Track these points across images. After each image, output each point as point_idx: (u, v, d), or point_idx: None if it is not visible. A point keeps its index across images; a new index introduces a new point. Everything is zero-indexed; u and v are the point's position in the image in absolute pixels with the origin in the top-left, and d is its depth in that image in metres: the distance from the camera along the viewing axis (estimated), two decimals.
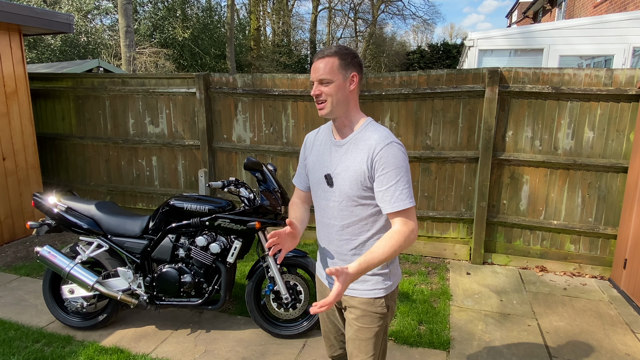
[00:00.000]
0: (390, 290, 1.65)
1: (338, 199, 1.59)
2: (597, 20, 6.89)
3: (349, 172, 1.55)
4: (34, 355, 2.75)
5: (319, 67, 1.53)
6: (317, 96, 1.55)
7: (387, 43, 29.49)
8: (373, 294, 1.62)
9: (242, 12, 24.39)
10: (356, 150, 1.56)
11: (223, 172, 5.10)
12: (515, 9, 24.94)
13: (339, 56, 1.53)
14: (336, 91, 1.53)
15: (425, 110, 4.30)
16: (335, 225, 1.63)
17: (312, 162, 1.71)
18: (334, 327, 1.84)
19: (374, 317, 1.63)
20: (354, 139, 1.58)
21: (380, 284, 1.63)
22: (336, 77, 1.52)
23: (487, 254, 4.39)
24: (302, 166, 1.81)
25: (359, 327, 1.64)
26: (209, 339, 3.02)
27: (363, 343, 1.65)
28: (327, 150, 1.65)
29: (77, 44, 16.16)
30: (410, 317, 3.26)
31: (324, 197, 1.64)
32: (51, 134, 5.68)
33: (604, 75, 3.80)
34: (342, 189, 1.57)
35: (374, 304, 1.62)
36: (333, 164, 1.61)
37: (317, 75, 1.53)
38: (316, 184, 1.68)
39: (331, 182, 1.60)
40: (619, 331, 3.15)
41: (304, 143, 1.82)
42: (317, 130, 1.80)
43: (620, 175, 3.91)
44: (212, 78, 4.89)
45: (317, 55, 1.55)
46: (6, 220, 4.80)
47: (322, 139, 1.71)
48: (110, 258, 3.03)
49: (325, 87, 1.53)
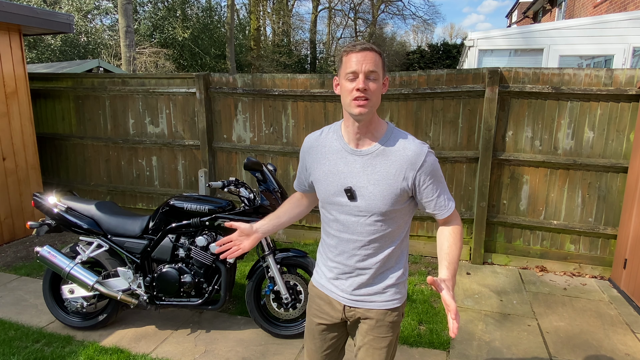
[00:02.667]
0: (404, 299, 1.64)
1: (365, 214, 1.48)
2: (597, 20, 6.89)
3: (381, 187, 1.45)
4: (34, 355, 2.75)
5: (368, 58, 1.36)
6: (364, 91, 1.36)
7: (387, 43, 29.50)
8: (391, 304, 1.58)
9: (242, 12, 24.42)
10: (388, 163, 1.45)
11: (223, 172, 5.10)
12: (515, 9, 24.94)
13: (381, 55, 1.41)
14: (378, 90, 1.40)
15: (425, 110, 4.30)
16: (360, 241, 1.52)
17: (323, 172, 1.54)
18: (323, 344, 1.71)
19: (389, 327, 1.60)
20: (380, 149, 1.46)
21: (397, 294, 1.59)
22: (380, 75, 1.40)
23: (487, 254, 4.39)
24: (303, 170, 1.66)
25: (374, 336, 1.59)
26: (209, 339, 3.02)
27: (377, 352, 1.61)
28: (341, 160, 1.50)
29: (77, 44, 16.16)
30: (410, 317, 3.26)
31: (344, 212, 1.51)
32: (51, 134, 5.68)
33: (604, 75, 3.80)
34: (371, 204, 1.46)
35: (390, 314, 1.59)
36: (354, 175, 1.47)
37: (366, 66, 1.35)
38: (330, 196, 1.53)
39: (354, 196, 1.47)
40: (619, 331, 3.15)
41: (304, 147, 1.64)
42: (318, 133, 1.61)
43: (620, 175, 3.91)
44: (212, 78, 4.89)
45: (361, 46, 1.38)
46: (6, 220, 4.80)
47: (332, 146, 1.54)
48: (110, 258, 3.03)
49: (372, 82, 1.37)
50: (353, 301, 1.59)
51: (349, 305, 1.59)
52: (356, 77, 1.37)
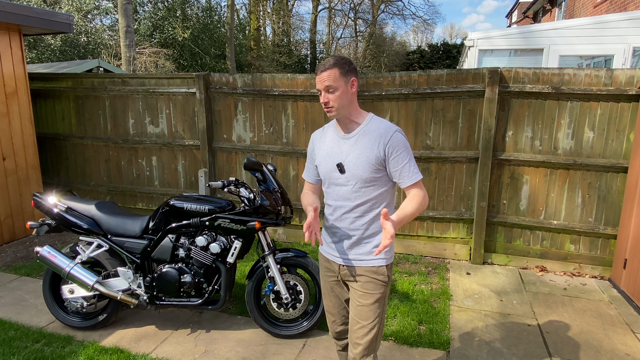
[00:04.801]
0: (390, 261, 1.92)
1: (351, 182, 1.84)
2: (597, 20, 6.89)
3: (361, 158, 1.81)
4: (34, 355, 2.75)
5: (323, 78, 1.78)
6: (326, 103, 1.81)
7: (387, 43, 29.49)
8: (377, 262, 1.88)
9: (242, 12, 24.39)
10: (366, 140, 1.83)
11: (223, 172, 5.10)
12: (515, 9, 24.94)
13: (338, 67, 1.78)
14: (341, 96, 1.79)
15: (425, 110, 4.30)
16: (348, 206, 1.87)
17: (323, 155, 1.94)
18: (337, 301, 2.05)
19: (376, 284, 1.88)
20: (362, 131, 1.85)
21: (382, 254, 1.88)
22: (339, 84, 1.78)
23: (487, 254, 4.39)
24: (311, 161, 2.06)
25: (363, 292, 1.88)
26: (209, 339, 3.02)
27: (365, 309, 1.87)
28: (335, 144, 1.91)
29: (77, 44, 16.15)
30: (410, 317, 3.26)
31: (336, 183, 1.89)
32: (51, 134, 5.68)
33: (604, 75, 3.80)
34: (354, 173, 1.83)
35: (377, 271, 1.88)
36: (343, 153, 1.86)
37: (323, 84, 1.78)
38: (328, 172, 1.91)
39: (343, 169, 1.85)
40: (619, 331, 3.15)
41: (311, 141, 2.07)
42: (322, 129, 2.04)
43: (620, 175, 3.91)
44: (212, 78, 4.89)
45: (319, 68, 1.80)
46: (6, 220, 4.80)
47: (330, 136, 1.96)
48: (110, 258, 3.03)
49: (331, 94, 1.79)
50: (345, 260, 1.92)
51: (342, 264, 1.94)
52: (321, 93, 1.81)
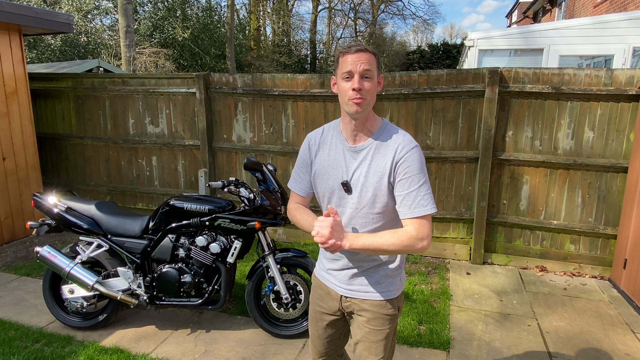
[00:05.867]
0: (400, 292, 1.66)
1: (358, 206, 1.52)
2: (597, 20, 6.89)
3: (373, 179, 1.49)
4: (34, 355, 2.75)
5: (363, 58, 1.41)
6: (359, 90, 1.41)
7: (387, 43, 29.51)
8: (385, 295, 1.60)
9: (242, 12, 24.41)
10: (379, 157, 1.50)
11: (223, 172, 5.10)
12: (515, 9, 24.94)
13: (376, 55, 1.47)
14: (373, 89, 1.46)
15: (425, 110, 4.30)
16: (354, 231, 1.57)
17: (323, 167, 1.60)
18: (323, 332, 1.77)
19: (385, 319, 1.61)
20: (375, 144, 1.51)
21: (392, 286, 1.62)
22: (375, 74, 1.45)
23: (487, 254, 4.39)
24: (304, 170, 1.69)
25: (370, 329, 1.61)
26: (209, 339, 3.02)
27: (374, 345, 1.62)
28: (340, 156, 1.56)
29: (77, 44, 16.15)
30: (410, 317, 3.26)
31: (340, 204, 1.57)
32: (51, 134, 5.68)
33: (604, 75, 3.80)
34: (363, 196, 1.50)
35: (385, 306, 1.60)
36: (350, 170, 1.53)
37: (361, 66, 1.41)
38: (329, 190, 1.58)
39: (349, 189, 1.53)
40: (619, 331, 3.15)
41: (306, 144, 1.68)
42: (319, 130, 1.67)
43: (620, 175, 3.91)
44: (212, 78, 4.89)
45: (355, 47, 1.43)
46: (6, 220, 4.80)
47: (331, 142, 1.60)
48: (110, 258, 3.03)
49: (367, 82, 1.43)
50: (349, 291, 1.63)
51: (345, 295, 1.64)
52: (352, 77, 1.43)
